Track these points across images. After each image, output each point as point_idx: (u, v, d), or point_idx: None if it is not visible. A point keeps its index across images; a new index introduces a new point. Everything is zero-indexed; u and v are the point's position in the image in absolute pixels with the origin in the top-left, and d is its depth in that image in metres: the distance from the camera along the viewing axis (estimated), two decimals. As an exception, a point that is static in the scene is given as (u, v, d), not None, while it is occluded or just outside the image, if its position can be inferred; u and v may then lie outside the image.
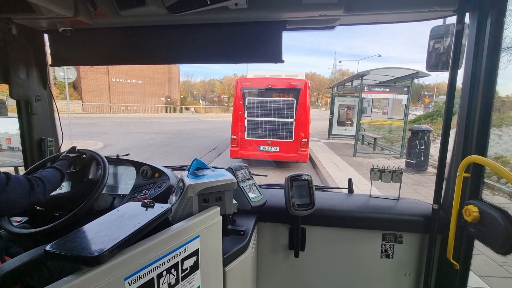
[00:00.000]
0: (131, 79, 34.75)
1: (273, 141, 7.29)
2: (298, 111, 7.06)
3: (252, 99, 7.19)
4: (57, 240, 0.67)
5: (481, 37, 1.10)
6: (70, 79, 9.75)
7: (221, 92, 65.72)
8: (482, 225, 1.06)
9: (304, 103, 7.04)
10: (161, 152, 9.90)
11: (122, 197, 1.44)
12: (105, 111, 32.00)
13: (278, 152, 7.31)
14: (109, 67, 32.26)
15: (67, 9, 1.16)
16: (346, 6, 1.14)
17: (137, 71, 34.67)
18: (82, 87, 31.93)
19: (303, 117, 7.08)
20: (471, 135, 1.17)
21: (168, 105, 37.51)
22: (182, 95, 45.72)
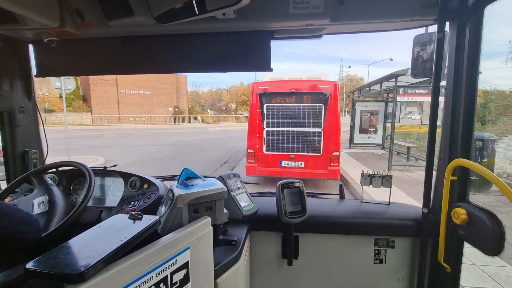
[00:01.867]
0: (139, 90, 34.43)
1: (298, 155, 6.01)
2: (327, 119, 5.80)
3: (272, 106, 5.97)
4: (39, 257, 0.63)
5: (461, 45, 1.14)
6: (68, 89, 8.79)
7: (229, 101, 65.39)
8: (470, 227, 1.08)
9: (335, 109, 5.78)
10: (167, 168, 8.74)
11: (109, 209, 1.37)
12: (114, 122, 31.59)
13: (304, 168, 6.02)
14: (118, 79, 32.18)
15: (53, 20, 1.12)
16: (332, 16, 1.15)
17: (145, 82, 34.36)
18: (92, 100, 31.74)
19: (334, 125, 5.80)
20: (456, 138, 1.19)
21: (176, 115, 36.91)
22: (190, 105, 45.25)
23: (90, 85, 31.35)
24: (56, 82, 8.47)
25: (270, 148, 6.11)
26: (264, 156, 6.14)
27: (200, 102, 57.01)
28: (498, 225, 0.98)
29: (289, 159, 6.07)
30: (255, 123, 6.08)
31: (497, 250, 0.98)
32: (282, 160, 6.10)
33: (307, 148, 5.97)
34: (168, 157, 10.50)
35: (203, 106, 55.83)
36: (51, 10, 1.11)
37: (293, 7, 1.14)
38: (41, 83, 25.19)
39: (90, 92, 31.60)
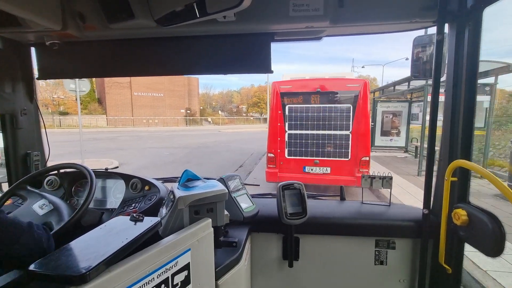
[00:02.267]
0: (152, 92, 34.76)
1: (323, 160, 5.50)
2: (355, 121, 5.25)
3: (295, 107, 5.48)
4: (41, 259, 0.63)
5: (460, 46, 1.14)
6: (83, 91, 8.63)
7: (239, 103, 65.27)
8: (471, 228, 1.07)
9: (364, 110, 5.23)
10: (180, 171, 8.39)
11: (110, 211, 1.37)
12: (128, 124, 31.96)
13: (330, 174, 5.49)
14: (132, 81, 32.61)
15: (55, 23, 1.12)
16: (331, 18, 1.15)
17: (158, 85, 34.67)
18: (107, 102, 32.27)
19: (363, 128, 5.25)
20: (456, 140, 1.19)
21: (187, 117, 37.02)
22: (201, 107, 45.35)
23: (105, 88, 31.91)
24: (70, 84, 8.31)
25: (293, 152, 5.62)
26: (286, 161, 5.66)
27: (211, 104, 57.17)
28: (498, 226, 0.98)
29: (313, 165, 5.56)
30: (276, 125, 5.61)
31: (497, 251, 0.98)
32: (306, 165, 5.60)
33: (333, 152, 5.44)
34: (181, 160, 10.19)
35: (214, 108, 55.95)
36: (54, 13, 1.10)
37: (293, 10, 1.14)
38: (57, 86, 25.75)
39: (105, 95, 32.15)
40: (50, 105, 26.92)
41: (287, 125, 5.55)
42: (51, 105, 27.07)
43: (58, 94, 27.34)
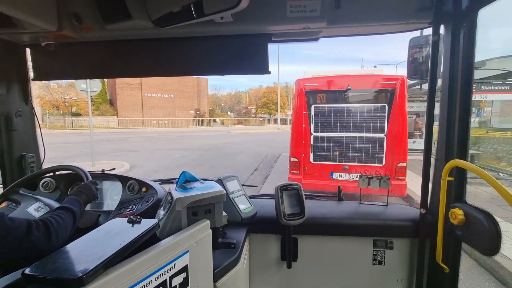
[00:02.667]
0: (162, 93, 34.77)
1: (353, 166, 4.93)
2: (391, 122, 4.67)
3: (322, 106, 4.94)
4: (37, 262, 0.63)
5: (456, 47, 1.14)
6: (94, 91, 8.36)
7: (248, 104, 64.92)
8: (468, 227, 1.08)
9: (402, 110, 4.64)
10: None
11: (107, 213, 1.34)
12: (138, 125, 32.02)
13: (361, 181, 4.91)
14: (142, 82, 32.66)
15: (51, 24, 1.11)
16: (328, 19, 1.15)
17: (167, 86, 34.65)
18: (118, 103, 32.41)
19: (400, 130, 4.66)
20: (452, 140, 1.20)
21: (197, 118, 36.88)
22: (210, 108, 45.20)
23: (116, 89, 32.06)
24: (81, 84, 8.04)
25: (319, 157, 5.07)
26: (311, 166, 5.12)
27: (220, 105, 57.03)
28: (494, 225, 0.98)
29: (342, 171, 5.00)
30: (301, 127, 5.08)
31: (493, 249, 0.98)
32: (334, 171, 5.04)
33: (366, 157, 4.86)
34: (193, 163, 9.77)
35: (222, 109, 55.77)
36: (49, 14, 1.09)
37: (290, 11, 1.14)
38: (69, 87, 25.94)
39: (116, 96, 32.30)
40: (61, 106, 27.11)
41: (313, 126, 5.01)
42: (63, 106, 27.25)
43: (70, 95, 27.53)
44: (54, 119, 27.26)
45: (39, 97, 25.13)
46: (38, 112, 28.48)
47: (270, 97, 49.34)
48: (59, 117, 27.72)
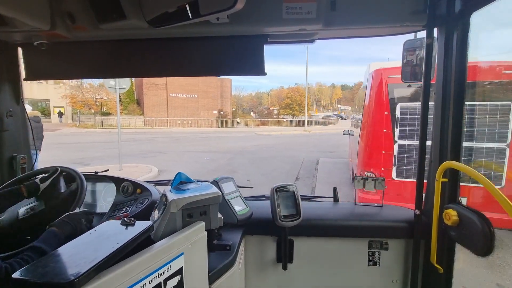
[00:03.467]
0: (186, 93, 34.78)
1: (455, 186, 3.61)
2: (517, 128, 3.32)
3: (413, 106, 3.69)
4: (27, 266, 0.61)
5: (449, 50, 1.15)
6: (123, 88, 7.72)
7: (270, 104, 63.88)
8: (461, 228, 1.08)
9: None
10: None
11: (101, 215, 1.34)
12: (163, 125, 32.16)
13: (465, 207, 3.59)
14: (168, 83, 32.82)
15: (43, 23, 1.08)
16: (324, 21, 1.15)
17: (192, 86, 34.57)
18: (144, 103, 32.81)
19: (530, 139, 3.30)
20: (446, 141, 1.20)
21: (220, 118, 36.47)
22: (233, 108, 44.70)
23: (143, 89, 32.47)
24: (110, 81, 7.41)
25: (405, 172, 3.82)
26: (394, 184, 3.87)
27: (242, 106, 56.53)
28: (487, 225, 0.99)
29: (438, 192, 3.71)
30: (380, 131, 3.86)
31: (487, 250, 0.99)
32: (425, 192, 3.77)
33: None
34: (225, 168, 8.81)
35: (244, 109, 55.21)
36: (42, 13, 1.06)
37: (286, 12, 1.14)
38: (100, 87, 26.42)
39: (143, 96, 32.72)
40: (92, 106, 27.75)
41: (398, 132, 3.77)
42: (94, 105, 27.89)
43: (101, 95, 28.12)
44: (85, 118, 27.96)
45: (70, 96, 25.79)
46: (69, 111, 29.77)
47: (293, 98, 47.82)
48: (90, 116, 28.41)
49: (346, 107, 73.94)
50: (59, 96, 25.90)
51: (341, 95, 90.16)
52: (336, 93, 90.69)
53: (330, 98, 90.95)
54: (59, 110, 28.75)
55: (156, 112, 33.08)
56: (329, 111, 74.61)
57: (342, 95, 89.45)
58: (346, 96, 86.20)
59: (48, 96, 27.98)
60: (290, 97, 48.36)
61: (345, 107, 73.52)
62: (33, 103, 31.11)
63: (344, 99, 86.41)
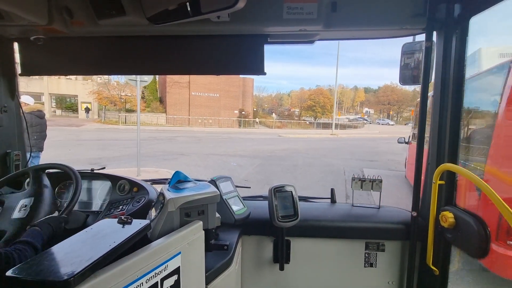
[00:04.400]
0: (208, 92, 34.15)
1: None
2: None
3: None
4: (21, 264, 0.60)
5: (448, 53, 1.16)
6: (144, 81, 6.70)
7: (291, 106, 62.18)
8: (457, 230, 1.08)
9: None
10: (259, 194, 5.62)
11: (96, 214, 1.30)
12: (184, 124, 31.69)
13: None
14: (191, 81, 32.32)
15: (40, 17, 1.05)
16: (324, 22, 1.15)
17: (214, 85, 33.87)
18: (167, 101, 32.56)
19: None
20: (443, 144, 1.20)
21: (241, 118, 35.45)
22: (254, 109, 43.53)
23: (166, 87, 32.22)
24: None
25: None
26: None
27: (262, 106, 55.35)
28: (483, 228, 0.98)
29: None
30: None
31: (482, 252, 0.98)
32: None
33: None
34: (256, 178, 7.46)
35: (264, 110, 53.95)
36: (39, 7, 1.04)
37: (287, 12, 1.12)
38: (125, 85, 26.24)
39: (166, 94, 32.47)
40: (117, 102, 27.71)
41: None
42: (119, 102, 27.85)
43: (125, 92, 28.03)
44: (110, 115, 27.97)
45: (97, 92, 25.80)
46: (95, 107, 30.05)
47: (316, 99, 45.80)
48: (115, 112, 28.42)
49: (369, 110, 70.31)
50: (86, 92, 26.04)
51: (364, 97, 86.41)
52: (359, 95, 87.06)
53: (352, 100, 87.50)
54: (86, 106, 29.05)
55: (178, 110, 32.71)
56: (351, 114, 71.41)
57: (365, 98, 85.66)
58: (370, 99, 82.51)
59: (76, 92, 28.35)
60: (313, 99, 46.35)
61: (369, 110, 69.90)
62: (61, 98, 31.87)
63: (367, 102, 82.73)
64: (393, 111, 66.94)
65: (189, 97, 33.16)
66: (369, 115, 63.01)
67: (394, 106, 65.91)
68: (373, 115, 69.82)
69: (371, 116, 65.14)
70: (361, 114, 66.58)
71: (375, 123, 52.29)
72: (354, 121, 48.61)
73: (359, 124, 42.11)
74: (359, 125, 41.40)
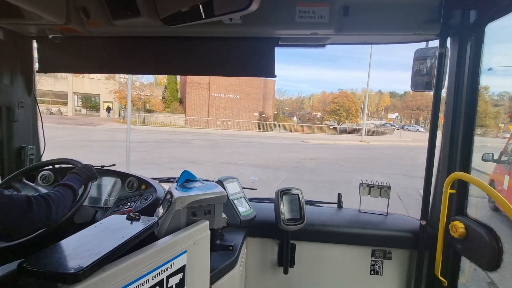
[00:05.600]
0: (228, 94, 32.92)
1: None
2: None
3: None
4: (33, 255, 0.61)
5: (462, 60, 1.13)
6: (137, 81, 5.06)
7: (312, 109, 59.50)
8: (468, 241, 1.05)
9: None
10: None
11: (105, 209, 1.33)
12: (203, 125, 30.63)
13: None
14: (211, 82, 31.27)
15: (59, 17, 1.10)
16: (336, 26, 1.15)
17: (235, 86, 32.55)
18: (186, 102, 31.76)
19: None
20: (455, 152, 1.19)
21: (261, 121, 33.71)
22: (275, 111, 41.60)
23: (186, 88, 31.44)
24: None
25: None
26: None
27: (283, 109, 53.30)
28: (496, 240, 0.94)
29: None
30: None
31: (494, 265, 0.95)
32: None
33: None
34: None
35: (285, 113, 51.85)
36: (58, 7, 1.08)
37: (299, 16, 1.13)
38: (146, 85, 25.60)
39: (186, 95, 31.70)
40: (136, 102, 27.16)
41: None
42: (138, 102, 27.29)
43: (145, 92, 27.43)
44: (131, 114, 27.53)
45: (117, 92, 25.36)
46: (116, 107, 29.89)
47: (340, 103, 42.84)
48: (135, 112, 27.95)
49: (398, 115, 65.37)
50: (107, 91, 25.74)
51: (389, 102, 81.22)
52: (384, 100, 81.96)
53: (377, 105, 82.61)
54: (107, 105, 28.90)
55: (198, 111, 31.76)
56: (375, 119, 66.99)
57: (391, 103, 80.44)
58: (395, 104, 77.32)
59: (99, 91, 28.29)
60: (337, 102, 43.41)
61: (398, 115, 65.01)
62: (87, 98, 32.17)
63: (392, 107, 77.56)
64: (422, 117, 61.82)
65: (208, 98, 32.11)
66: (401, 120, 58.30)
67: (422, 112, 60.87)
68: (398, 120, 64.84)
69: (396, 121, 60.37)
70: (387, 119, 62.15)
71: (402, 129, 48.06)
72: (382, 126, 44.87)
73: (388, 130, 38.56)
74: (388, 131, 37.88)
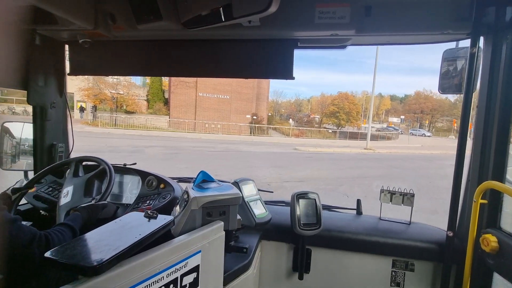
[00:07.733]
0: (218, 94, 29.78)
1: None
2: None
3: None
4: (58, 247, 0.65)
5: (496, 61, 1.07)
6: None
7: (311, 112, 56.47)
8: (501, 256, 0.98)
9: None
10: None
11: (125, 206, 1.39)
12: (189, 129, 27.46)
13: None
14: (198, 81, 28.21)
15: (88, 22, 1.16)
16: (357, 26, 1.11)
17: (224, 86, 29.43)
18: (171, 102, 28.70)
19: None
20: (488, 159, 1.12)
21: (253, 123, 30.54)
22: (269, 113, 38.45)
23: (171, 87, 28.41)
24: None
25: None
26: None
27: (280, 111, 50.27)
28: None
29: None
30: None
31: None
32: None
33: None
34: None
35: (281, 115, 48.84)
36: (87, 13, 1.14)
37: (318, 17, 1.11)
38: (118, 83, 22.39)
39: (171, 95, 28.67)
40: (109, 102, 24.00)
41: None
42: (110, 102, 24.14)
43: (117, 90, 24.21)
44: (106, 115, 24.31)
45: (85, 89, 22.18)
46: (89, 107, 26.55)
47: (340, 105, 39.85)
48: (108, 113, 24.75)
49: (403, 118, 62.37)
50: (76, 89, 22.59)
51: (390, 105, 78.45)
52: (385, 103, 79.21)
53: (377, 108, 79.78)
54: (81, 105, 25.71)
55: (183, 112, 28.55)
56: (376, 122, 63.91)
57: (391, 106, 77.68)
58: (396, 107, 74.61)
59: (72, 90, 25.17)
60: (337, 104, 40.45)
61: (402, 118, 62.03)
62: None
63: (393, 110, 74.82)
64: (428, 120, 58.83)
65: (195, 98, 28.96)
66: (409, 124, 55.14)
67: (427, 115, 57.92)
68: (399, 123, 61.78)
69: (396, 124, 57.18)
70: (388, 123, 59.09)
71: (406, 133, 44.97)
72: (385, 130, 41.69)
73: (393, 135, 35.38)
74: (392, 136, 34.71)
